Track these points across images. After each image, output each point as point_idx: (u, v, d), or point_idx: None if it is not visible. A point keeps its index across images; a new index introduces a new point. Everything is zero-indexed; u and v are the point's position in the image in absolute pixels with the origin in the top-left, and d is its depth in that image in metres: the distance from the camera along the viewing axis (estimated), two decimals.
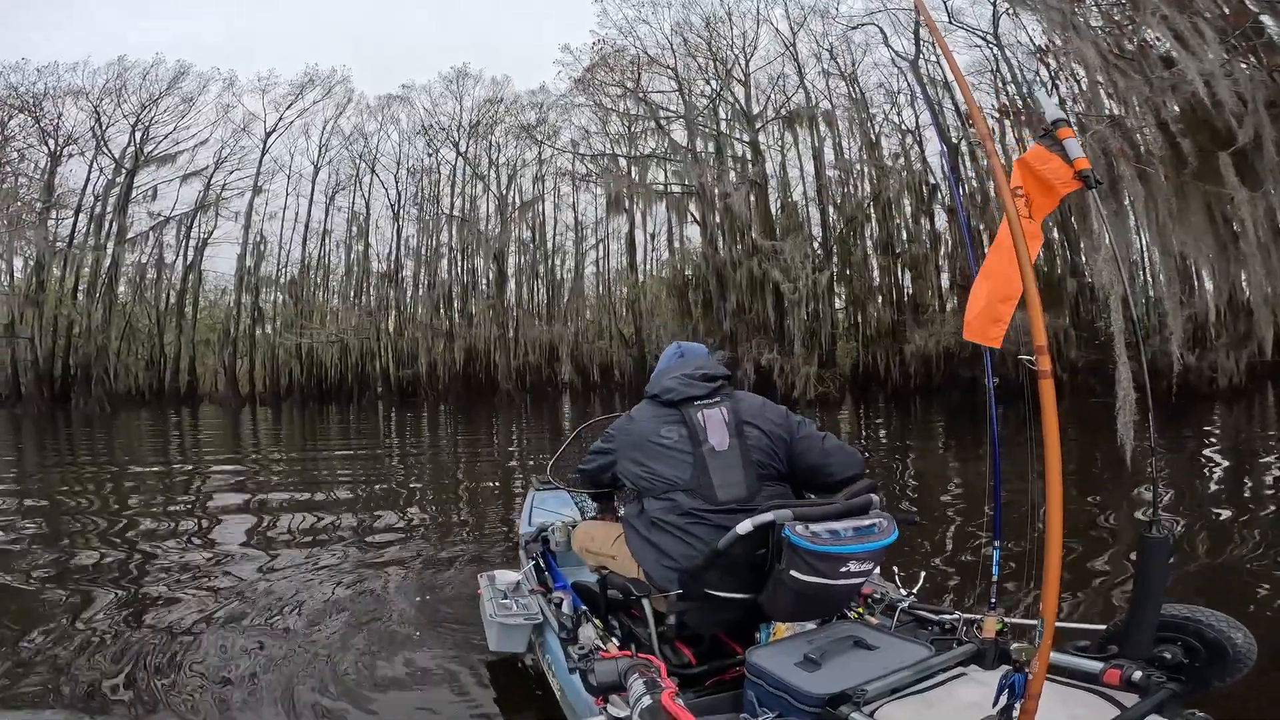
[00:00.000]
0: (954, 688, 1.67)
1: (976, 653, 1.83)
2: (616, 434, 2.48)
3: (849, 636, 1.89)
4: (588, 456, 2.62)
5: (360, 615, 3.58)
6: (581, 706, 2.01)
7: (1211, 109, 8.49)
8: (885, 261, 24.66)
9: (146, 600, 3.94)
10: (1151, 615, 1.59)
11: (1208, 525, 5.06)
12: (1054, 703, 1.44)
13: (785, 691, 1.67)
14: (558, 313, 31.90)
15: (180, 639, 3.25)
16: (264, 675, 2.89)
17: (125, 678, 2.93)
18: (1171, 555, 1.54)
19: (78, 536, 5.47)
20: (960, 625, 2.01)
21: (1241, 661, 1.65)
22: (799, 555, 1.87)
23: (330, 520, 6.01)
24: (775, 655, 1.81)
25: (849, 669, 1.72)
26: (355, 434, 16.25)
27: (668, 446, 2.30)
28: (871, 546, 1.92)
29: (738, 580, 2.06)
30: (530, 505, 3.87)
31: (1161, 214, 9.16)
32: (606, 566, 2.44)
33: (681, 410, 2.34)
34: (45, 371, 26.77)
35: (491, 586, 2.71)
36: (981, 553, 2.44)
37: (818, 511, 1.98)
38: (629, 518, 2.37)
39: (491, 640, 2.59)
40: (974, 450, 9.53)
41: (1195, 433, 10.44)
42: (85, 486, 8.34)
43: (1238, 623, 1.68)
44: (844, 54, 25.02)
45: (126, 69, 28.42)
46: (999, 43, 20.34)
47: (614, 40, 26.34)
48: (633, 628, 2.29)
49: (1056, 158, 1.62)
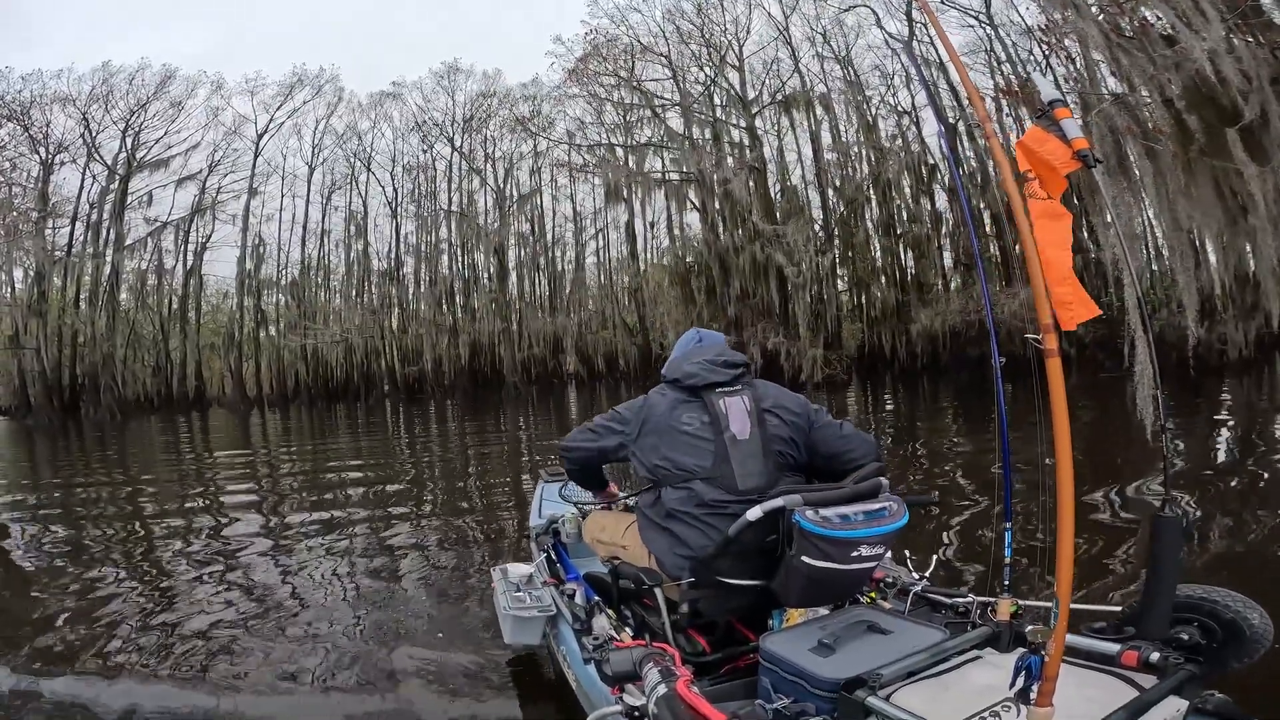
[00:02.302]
0: (970, 670, 1.66)
1: (991, 635, 1.82)
2: (631, 416, 2.37)
3: (862, 621, 1.89)
4: (584, 434, 2.48)
5: (375, 609, 3.62)
6: (597, 696, 2.01)
7: (1218, 85, 8.41)
8: (887, 242, 24.53)
9: (168, 595, 3.99)
10: (1166, 596, 1.58)
11: (1223, 504, 5.01)
12: (1071, 684, 1.43)
13: (800, 677, 1.67)
14: (560, 304, 31.87)
15: (197, 635, 3.29)
16: (279, 668, 2.91)
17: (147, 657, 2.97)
18: (1188, 536, 1.52)
19: (96, 543, 5.53)
20: (974, 608, 2.00)
21: (1259, 642, 1.63)
22: (809, 540, 1.87)
23: (341, 516, 6.07)
24: (789, 641, 1.81)
25: (863, 653, 1.72)
26: (364, 432, 16.31)
27: (689, 433, 2.24)
28: (882, 530, 1.92)
29: (749, 567, 2.06)
30: (540, 497, 3.87)
31: (1171, 189, 9.09)
32: (618, 557, 2.44)
33: (703, 396, 2.29)
34: (53, 382, 26.87)
35: (504, 580, 2.71)
36: (993, 535, 2.43)
37: (827, 496, 1.98)
38: (643, 508, 2.34)
39: (506, 633, 2.59)
40: (983, 429, 9.49)
41: (1211, 405, 10.38)
42: (100, 493, 8.40)
43: (1254, 603, 1.67)
44: (838, 37, 24.84)
45: (112, 74, 28.31)
46: (992, 22, 20.20)
47: (606, 30, 26.20)
48: (646, 617, 2.30)
49: (1054, 138, 1.59)
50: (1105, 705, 1.40)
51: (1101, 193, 9.42)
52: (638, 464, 2.32)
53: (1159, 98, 9.11)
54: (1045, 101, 1.62)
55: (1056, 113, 1.58)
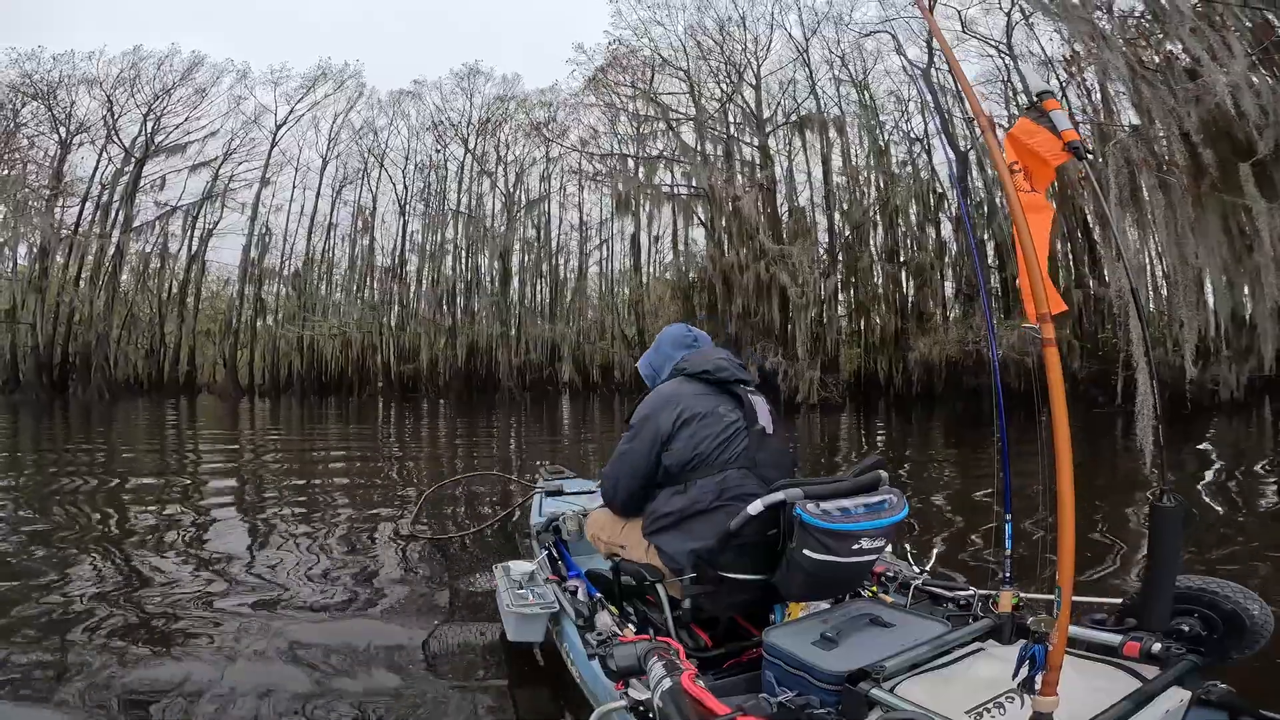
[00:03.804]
0: (972, 662, 1.68)
1: (993, 628, 1.84)
2: (661, 410, 2.27)
3: (865, 614, 1.90)
4: (618, 463, 2.35)
5: (373, 609, 3.53)
6: (602, 692, 2.01)
7: (1238, 118, 8.56)
8: (890, 269, 24.67)
9: (143, 585, 3.94)
10: (1167, 586, 1.59)
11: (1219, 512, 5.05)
12: (1074, 675, 1.45)
13: (804, 670, 1.68)
14: (560, 312, 31.93)
15: (183, 638, 3.16)
16: (273, 666, 2.85)
17: (126, 655, 2.93)
18: (1187, 524, 1.54)
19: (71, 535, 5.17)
20: (975, 601, 2.02)
21: (1259, 633, 1.66)
22: (810, 533, 1.89)
23: (332, 514, 5.95)
24: (792, 635, 1.82)
25: (867, 646, 1.73)
26: (354, 431, 16.22)
27: (730, 424, 2.25)
28: (882, 523, 1.94)
29: (750, 561, 2.08)
30: (539, 497, 3.88)
31: (1181, 224, 9.19)
32: (619, 554, 2.44)
33: (732, 390, 2.33)
34: (45, 358, 26.78)
35: (507, 577, 2.70)
36: (991, 530, 2.43)
37: (828, 489, 2.00)
38: (656, 509, 2.26)
39: (509, 630, 2.58)
40: (977, 457, 9.50)
41: (1201, 443, 10.41)
42: (81, 477, 8.33)
43: (1254, 594, 1.69)
44: (856, 61, 25.15)
45: (142, 59, 28.56)
46: (1011, 52, 20.39)
47: (628, 41, 26.50)
48: (648, 613, 2.30)
49: (1044, 130, 1.61)
50: (1109, 695, 1.42)
51: (1111, 228, 9.51)
52: (670, 456, 2.23)
53: (1176, 131, 9.23)
54: (1035, 93, 1.64)
55: (1046, 104, 1.59)
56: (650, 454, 2.27)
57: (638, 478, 2.32)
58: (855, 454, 10.19)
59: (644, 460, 2.29)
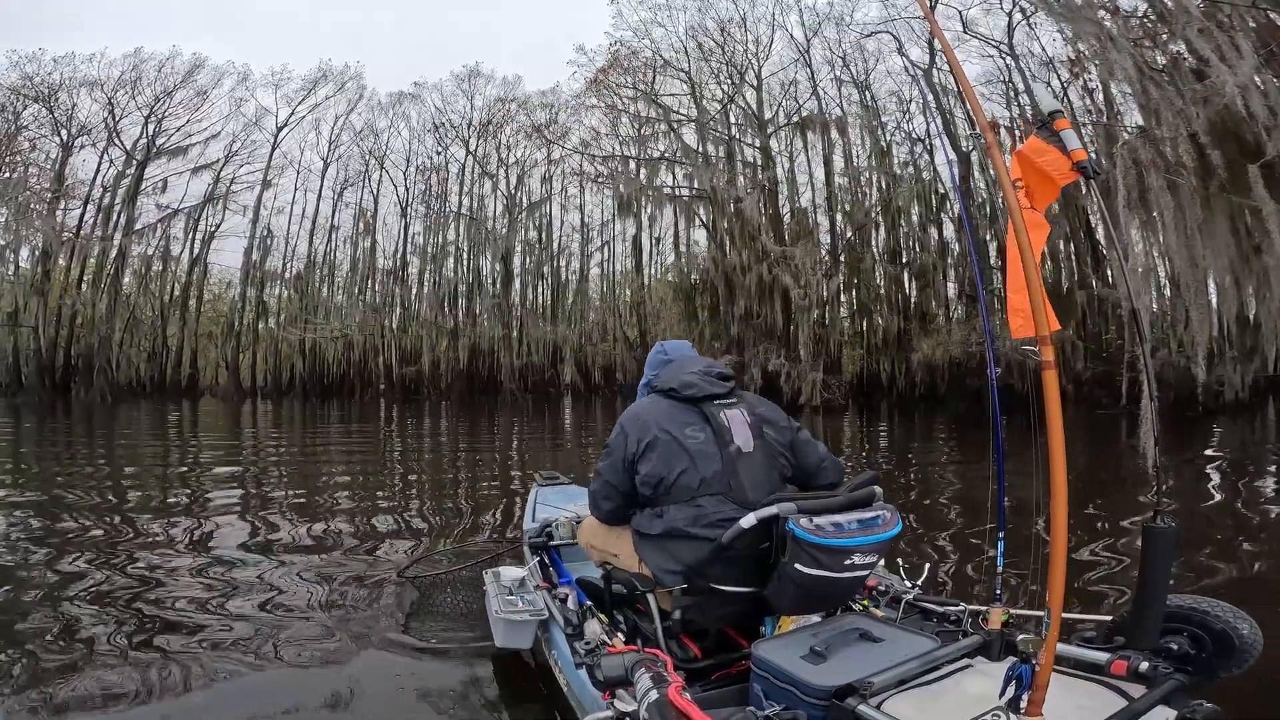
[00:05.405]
0: (960, 679, 1.66)
1: (982, 644, 1.82)
2: (629, 431, 2.26)
3: (854, 629, 1.89)
4: (598, 483, 2.36)
5: (362, 612, 3.52)
6: (588, 701, 2.00)
7: (1247, 119, 8.53)
8: (892, 270, 24.63)
9: (141, 589, 3.94)
10: (1157, 606, 1.58)
11: (1214, 527, 5.03)
12: (1061, 694, 1.43)
13: (792, 684, 1.67)
14: (562, 314, 31.95)
15: (180, 641, 3.17)
16: (264, 671, 2.85)
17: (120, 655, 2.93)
18: (1177, 545, 1.53)
19: (72, 538, 5.18)
20: (965, 617, 2.01)
21: (1248, 652, 1.65)
22: (803, 548, 1.87)
23: (327, 516, 5.96)
24: (781, 648, 1.81)
25: (855, 661, 1.72)
26: (355, 431, 16.25)
27: (695, 448, 2.17)
28: (876, 539, 1.93)
29: (742, 574, 2.06)
30: (534, 501, 3.86)
31: (1190, 225, 9.15)
32: (610, 562, 2.42)
33: (702, 408, 2.25)
34: (47, 361, 26.87)
35: (496, 583, 2.69)
36: (985, 544, 2.43)
37: (821, 504, 1.98)
38: (639, 525, 2.24)
39: (497, 636, 2.57)
40: (977, 461, 9.48)
41: (1204, 444, 10.38)
42: (83, 478, 8.35)
43: (1244, 613, 1.68)
44: (857, 62, 25.12)
45: (143, 61, 28.63)
46: (1013, 53, 20.36)
47: (629, 42, 26.51)
48: (638, 622, 2.28)
49: (1054, 149, 1.61)
50: (1094, 715, 1.41)
51: (1120, 230, 9.47)
52: (640, 479, 2.22)
53: (1184, 131, 9.19)
54: (1045, 112, 1.63)
55: (1056, 123, 1.59)
56: (623, 473, 2.27)
57: (616, 495, 2.32)
58: (858, 456, 10.17)
59: (618, 478, 2.29)
